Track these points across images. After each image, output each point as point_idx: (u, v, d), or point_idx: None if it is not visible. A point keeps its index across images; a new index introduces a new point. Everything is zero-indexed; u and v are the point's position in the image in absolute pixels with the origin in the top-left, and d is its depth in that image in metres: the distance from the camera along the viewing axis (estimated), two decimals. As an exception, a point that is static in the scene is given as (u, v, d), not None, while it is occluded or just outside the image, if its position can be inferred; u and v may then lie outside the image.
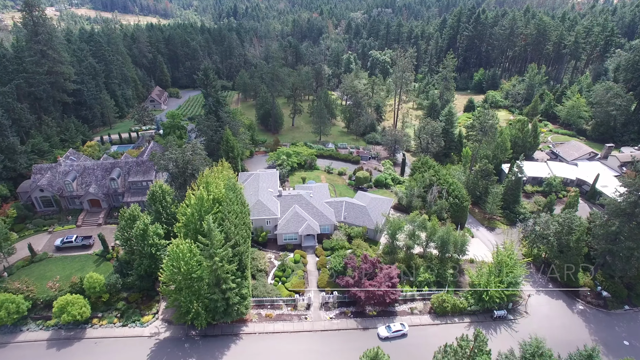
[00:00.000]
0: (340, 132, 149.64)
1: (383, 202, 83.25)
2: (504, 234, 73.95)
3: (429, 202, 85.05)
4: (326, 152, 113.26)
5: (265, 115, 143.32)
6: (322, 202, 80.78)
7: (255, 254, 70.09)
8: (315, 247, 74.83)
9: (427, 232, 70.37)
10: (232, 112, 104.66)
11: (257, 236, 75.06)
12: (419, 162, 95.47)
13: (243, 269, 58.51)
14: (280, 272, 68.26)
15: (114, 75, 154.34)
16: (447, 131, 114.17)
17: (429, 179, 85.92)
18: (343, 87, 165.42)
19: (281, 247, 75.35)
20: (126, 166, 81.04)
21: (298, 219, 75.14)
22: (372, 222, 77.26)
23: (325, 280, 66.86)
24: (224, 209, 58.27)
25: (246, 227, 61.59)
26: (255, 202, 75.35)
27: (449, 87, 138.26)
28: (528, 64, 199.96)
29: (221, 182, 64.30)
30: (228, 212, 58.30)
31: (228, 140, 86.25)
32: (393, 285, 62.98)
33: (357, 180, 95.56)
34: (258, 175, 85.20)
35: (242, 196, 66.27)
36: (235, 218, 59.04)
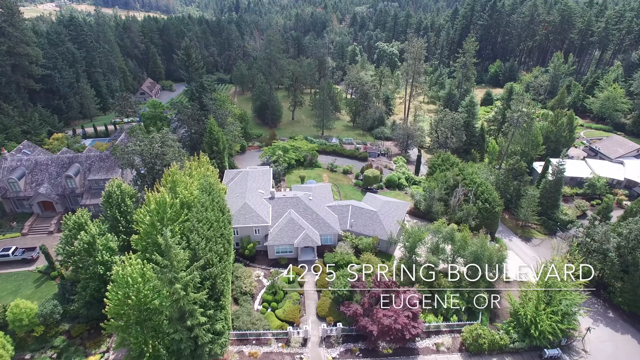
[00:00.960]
0: (345, 127, 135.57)
1: (397, 206, 69.02)
2: (552, 248, 59.60)
3: (452, 206, 70.66)
4: (329, 147, 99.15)
5: (262, 107, 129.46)
6: (323, 207, 66.67)
7: (240, 271, 56.10)
8: (314, 263, 60.75)
9: (454, 245, 56.11)
10: (219, 100, 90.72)
11: (242, 248, 61.10)
12: (438, 158, 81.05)
13: (218, 296, 44.46)
14: (270, 295, 54.21)
15: (97, 63, 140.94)
16: (468, 124, 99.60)
17: (452, 178, 71.51)
18: (348, 80, 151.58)
19: (273, 261, 61.34)
20: (87, 161, 67.26)
21: (294, 227, 61.09)
22: (384, 231, 63.06)
23: (326, 306, 52.77)
24: (194, 218, 44.31)
25: (225, 240, 47.57)
26: (242, 206, 61.36)
27: (468, 76, 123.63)
28: (549, 54, 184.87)
29: (194, 182, 50.36)
30: (198, 221, 44.34)
31: (212, 131, 72.38)
32: (414, 315, 48.79)
33: (366, 179, 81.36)
34: (247, 173, 71.23)
35: (222, 200, 52.29)
36: (208, 229, 45.04)
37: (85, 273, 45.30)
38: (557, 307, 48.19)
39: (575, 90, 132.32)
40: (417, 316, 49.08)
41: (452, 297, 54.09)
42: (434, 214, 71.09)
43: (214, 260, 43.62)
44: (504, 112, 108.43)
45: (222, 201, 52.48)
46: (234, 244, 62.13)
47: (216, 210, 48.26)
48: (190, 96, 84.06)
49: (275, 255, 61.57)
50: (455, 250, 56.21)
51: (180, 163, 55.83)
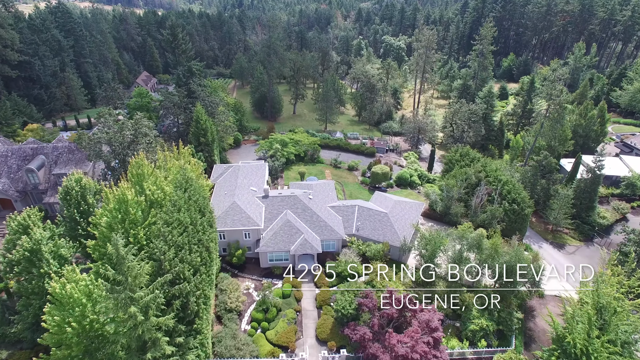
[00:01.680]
0: (349, 121, 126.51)
1: (411, 207, 59.80)
2: (602, 258, 50.26)
3: (473, 207, 61.33)
4: (333, 141, 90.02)
5: (261, 100, 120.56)
6: (325, 207, 57.62)
7: (225, 283, 47.14)
8: (314, 273, 51.68)
9: (481, 253, 46.86)
10: (210, 87, 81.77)
11: (230, 255, 52.15)
12: (456, 153, 71.72)
13: (192, 318, 35.45)
14: (261, 312, 45.15)
15: (87, 53, 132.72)
16: (486, 117, 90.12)
17: (474, 175, 62.14)
18: (353, 73, 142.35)
19: (265, 271, 52.35)
20: (54, 153, 58.47)
21: (290, 230, 52.07)
22: (396, 236, 53.91)
23: (328, 327, 43.68)
24: (160, 220, 35.38)
25: (203, 248, 38.58)
26: (230, 206, 52.41)
27: (485, 65, 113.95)
28: (566, 48, 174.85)
29: (169, 176, 41.47)
30: (167, 224, 35.40)
31: (199, 121, 63.49)
32: (435, 341, 39.62)
33: (374, 177, 72.18)
34: (238, 168, 62.29)
35: (203, 198, 43.35)
36: (180, 234, 36.08)
37: (27, 288, 36.41)
38: (615, 335, 38.78)
39: (599, 83, 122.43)
40: (439, 342, 39.90)
41: (480, 316, 44.91)
42: (452, 217, 61.82)
43: (187, 274, 34.62)
44: (524, 105, 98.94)
45: (203, 200, 43.52)
46: (221, 250, 53.24)
47: (193, 211, 39.27)
48: (176, 82, 75.27)
49: (269, 263, 52.57)
50: (482, 259, 46.91)
51: (153, 154, 46.86)
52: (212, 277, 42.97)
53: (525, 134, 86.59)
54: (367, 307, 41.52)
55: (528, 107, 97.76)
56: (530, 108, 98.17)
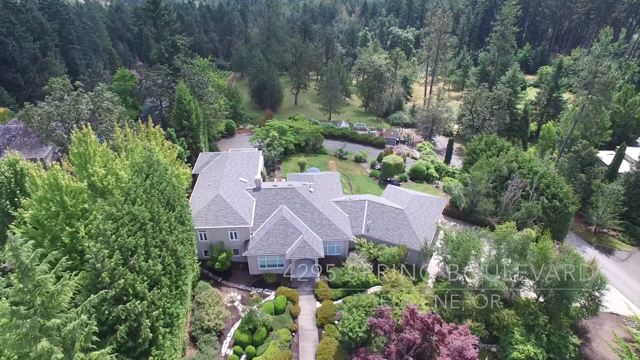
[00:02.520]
0: (355, 112, 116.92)
1: (431, 203, 50.18)
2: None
3: (504, 204, 51.63)
4: (337, 131, 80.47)
5: (260, 88, 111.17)
6: (328, 202, 48.13)
7: (204, 295, 37.71)
8: (315, 282, 42.24)
9: (524, 260, 37.14)
10: (199, 66, 72.29)
11: (212, 259, 42.73)
12: (480, 142, 61.94)
13: (146, 348, 25.99)
14: (247, 332, 35.64)
15: (74, 39, 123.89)
16: (509, 104, 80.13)
17: (506, 166, 52.37)
18: (359, 64, 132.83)
19: (256, 279, 42.93)
20: (5, 135, 49.22)
21: (286, 230, 42.60)
22: (415, 237, 44.34)
23: (331, 354, 34.17)
24: (103, 213, 25.97)
25: (167, 252, 29.17)
26: (213, 199, 43.01)
27: (506, 49, 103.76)
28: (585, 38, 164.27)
29: (128, 157, 32.13)
30: (113, 219, 25.98)
31: (181, 101, 54.13)
32: None
33: (385, 169, 62.52)
34: (226, 156, 52.92)
35: (174, 188, 34.00)
36: (133, 234, 26.68)
37: None
38: None
39: (629, 72, 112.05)
40: (477, 377, 30.30)
41: (524, 340, 35.21)
42: (479, 214, 52.16)
43: (138, 288, 25.19)
44: (550, 93, 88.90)
45: (174, 190, 34.14)
46: (202, 253, 43.91)
47: (156, 203, 29.85)
48: (158, 57, 65.88)
49: (259, 270, 43.11)
50: (526, 268, 37.17)
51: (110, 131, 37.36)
52: (185, 288, 33.55)
53: (557, 122, 76.59)
54: (381, 330, 31.98)
55: (554, 95, 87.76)
56: (556, 96, 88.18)
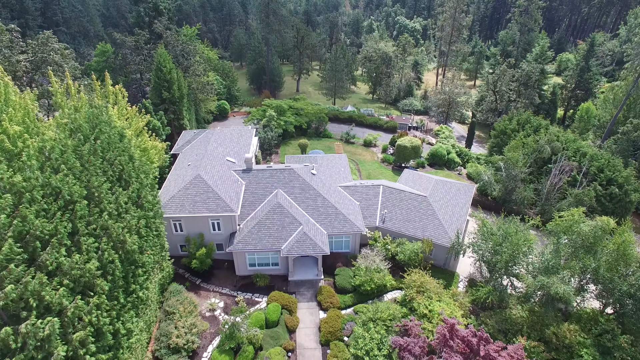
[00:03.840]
0: (362, 99, 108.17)
1: (458, 190, 41.34)
2: None
3: (545, 192, 42.74)
4: (343, 114, 71.71)
5: (258, 73, 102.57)
6: (335, 187, 39.37)
7: (174, 303, 29.02)
8: (318, 286, 33.50)
9: (595, 260, 28.24)
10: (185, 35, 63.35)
11: (190, 256, 34.04)
12: (511, 121, 53.08)
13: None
14: (228, 354, 26.87)
15: (61, 21, 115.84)
16: (538, 83, 71.05)
17: (549, 146, 43.46)
18: (365, 51, 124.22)
19: (244, 281, 34.27)
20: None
21: (282, 219, 33.86)
22: (442, 230, 35.57)
23: (340, 385, 25.40)
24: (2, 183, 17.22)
25: (110, 243, 20.49)
26: (191, 181, 34.33)
27: (530, 26, 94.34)
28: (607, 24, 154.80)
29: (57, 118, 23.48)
30: (17, 194, 17.20)
31: (161, 68, 45.50)
32: None
33: (400, 152, 53.69)
34: (212, 132, 44.28)
35: (130, 160, 25.39)
36: (50, 218, 17.97)
37: None
38: None
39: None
40: None
41: (595, 365, 26.41)
42: (515, 204, 43.30)
43: (53, 299, 16.50)
44: (580, 74, 79.82)
45: (130, 163, 25.48)
46: (177, 248, 35.28)
47: (96, 175, 21.14)
48: (136, 21, 57.13)
49: (248, 270, 34.42)
50: (594, 271, 28.27)
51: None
52: (145, 294, 24.91)
53: (598, 101, 67.40)
54: (410, 354, 23.18)
55: (585, 76, 78.69)
56: (587, 77, 79.11)
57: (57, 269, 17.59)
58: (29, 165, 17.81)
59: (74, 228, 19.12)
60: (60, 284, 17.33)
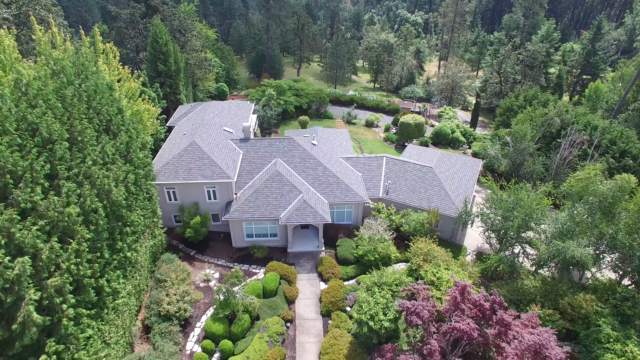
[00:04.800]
0: (363, 88, 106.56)
1: (464, 162, 39.76)
2: None
3: (554, 166, 41.10)
4: (344, 97, 70.17)
5: (258, 60, 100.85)
6: (336, 158, 37.71)
7: (165, 270, 27.34)
8: (319, 257, 31.89)
9: (613, 223, 26.58)
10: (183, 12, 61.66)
11: (183, 225, 32.40)
12: (517, 98, 51.43)
13: (36, 344, 15.61)
14: (222, 322, 25.22)
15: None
16: (544, 64, 69.31)
17: (559, 118, 41.82)
18: (367, 43, 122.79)
19: (241, 253, 32.61)
20: None
21: (281, 187, 32.22)
22: (449, 200, 33.94)
23: (342, 353, 23.75)
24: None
25: (97, 192, 18.83)
26: (186, 147, 32.68)
27: (535, 10, 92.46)
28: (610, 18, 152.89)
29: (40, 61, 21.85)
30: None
31: (157, 39, 43.88)
32: None
33: (403, 129, 52.08)
34: (209, 104, 42.53)
35: (119, 111, 23.78)
36: (24, 154, 16.31)
37: None
38: None
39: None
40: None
41: (621, 338, 24.68)
42: (524, 178, 41.58)
43: (26, 239, 14.87)
44: (585, 58, 78.13)
45: (119, 115, 23.86)
46: (172, 219, 33.64)
47: (79, 119, 19.47)
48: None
49: (245, 241, 32.77)
50: (612, 238, 26.60)
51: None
52: (133, 256, 23.36)
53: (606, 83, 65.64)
54: (418, 317, 21.51)
55: (592, 60, 77.00)
56: (594, 62, 77.43)
57: (32, 210, 15.97)
58: (0, 95, 16.17)
59: (52, 170, 17.48)
60: (35, 225, 15.67)
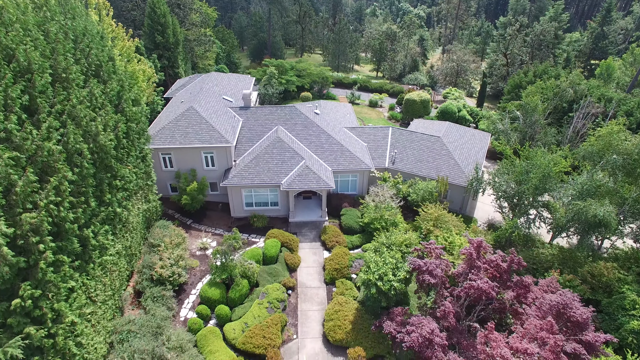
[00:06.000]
0: (366, 77, 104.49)
1: (473, 135, 38.23)
2: None
3: (568, 139, 39.46)
4: (347, 79, 68.63)
5: (259, 47, 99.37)
6: (340, 128, 36.07)
7: (158, 234, 25.70)
8: (323, 226, 30.27)
9: (632, 187, 24.90)
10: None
11: (180, 192, 30.78)
12: (526, 74, 49.75)
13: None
14: (219, 287, 23.59)
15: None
16: (553, 45, 67.47)
17: (572, 89, 40.15)
18: (369, 34, 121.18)
19: (240, 222, 30.97)
20: None
21: (282, 154, 30.59)
22: (458, 169, 32.32)
23: (347, 319, 22.11)
24: None
25: (81, 131, 17.19)
26: (183, 112, 31.03)
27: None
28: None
29: None
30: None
31: (154, 10, 42.26)
32: (589, 349, 17.79)
33: (408, 107, 50.49)
34: (208, 76, 40.77)
35: (108, 60, 22.11)
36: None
37: None
38: None
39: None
40: (591, 349, 18.02)
41: None
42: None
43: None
44: (595, 40, 76.35)
45: (109, 63, 22.25)
46: (167, 188, 32.03)
47: (63, 54, 17.84)
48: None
49: (245, 210, 31.16)
50: (634, 201, 24.91)
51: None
52: (123, 213, 21.79)
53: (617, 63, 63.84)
54: (431, 276, 19.86)
55: (601, 44, 75.25)
56: (603, 46, 75.69)
57: (7, 140, 14.35)
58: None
59: (32, 104, 15.87)
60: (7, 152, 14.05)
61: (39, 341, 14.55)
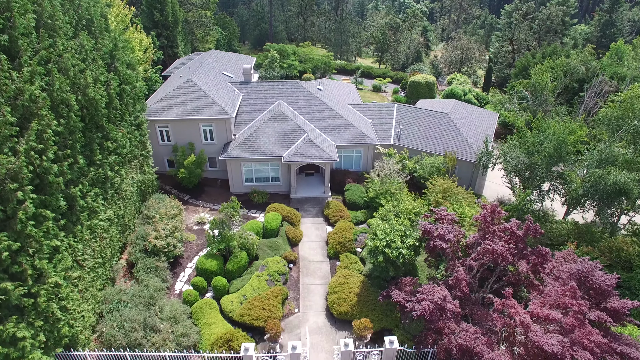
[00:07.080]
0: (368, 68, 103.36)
1: (480, 113, 36.98)
2: None
3: (579, 115, 38.13)
4: (350, 66, 67.40)
5: (260, 37, 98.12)
6: (343, 104, 34.81)
7: (153, 205, 24.47)
8: (326, 201, 29.00)
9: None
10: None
11: (177, 166, 29.56)
12: (534, 56, 48.39)
13: None
14: (216, 259, 22.34)
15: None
16: (561, 31, 66.12)
17: (584, 66, 38.84)
18: (371, 27, 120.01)
19: (239, 199, 29.56)
20: None
21: (284, 127, 29.33)
22: (467, 145, 31.03)
23: (352, 292, 20.84)
24: None
25: (68, 80, 15.94)
26: (181, 85, 29.77)
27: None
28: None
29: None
30: None
31: (151, -14, 41.11)
32: (615, 317, 16.44)
33: (413, 89, 49.23)
34: (208, 54, 39.54)
35: (100, 17, 20.87)
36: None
37: None
38: None
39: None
40: (621, 319, 16.69)
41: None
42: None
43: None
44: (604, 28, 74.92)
45: (101, 20, 21.02)
46: (164, 163, 30.79)
47: (50, 2, 16.60)
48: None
49: (245, 186, 29.92)
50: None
51: None
52: (115, 178, 20.59)
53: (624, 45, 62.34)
54: (442, 241, 18.55)
55: (608, 32, 73.86)
56: (611, 34, 74.29)
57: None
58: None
59: (12, 46, 14.63)
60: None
61: (18, 299, 13.34)
